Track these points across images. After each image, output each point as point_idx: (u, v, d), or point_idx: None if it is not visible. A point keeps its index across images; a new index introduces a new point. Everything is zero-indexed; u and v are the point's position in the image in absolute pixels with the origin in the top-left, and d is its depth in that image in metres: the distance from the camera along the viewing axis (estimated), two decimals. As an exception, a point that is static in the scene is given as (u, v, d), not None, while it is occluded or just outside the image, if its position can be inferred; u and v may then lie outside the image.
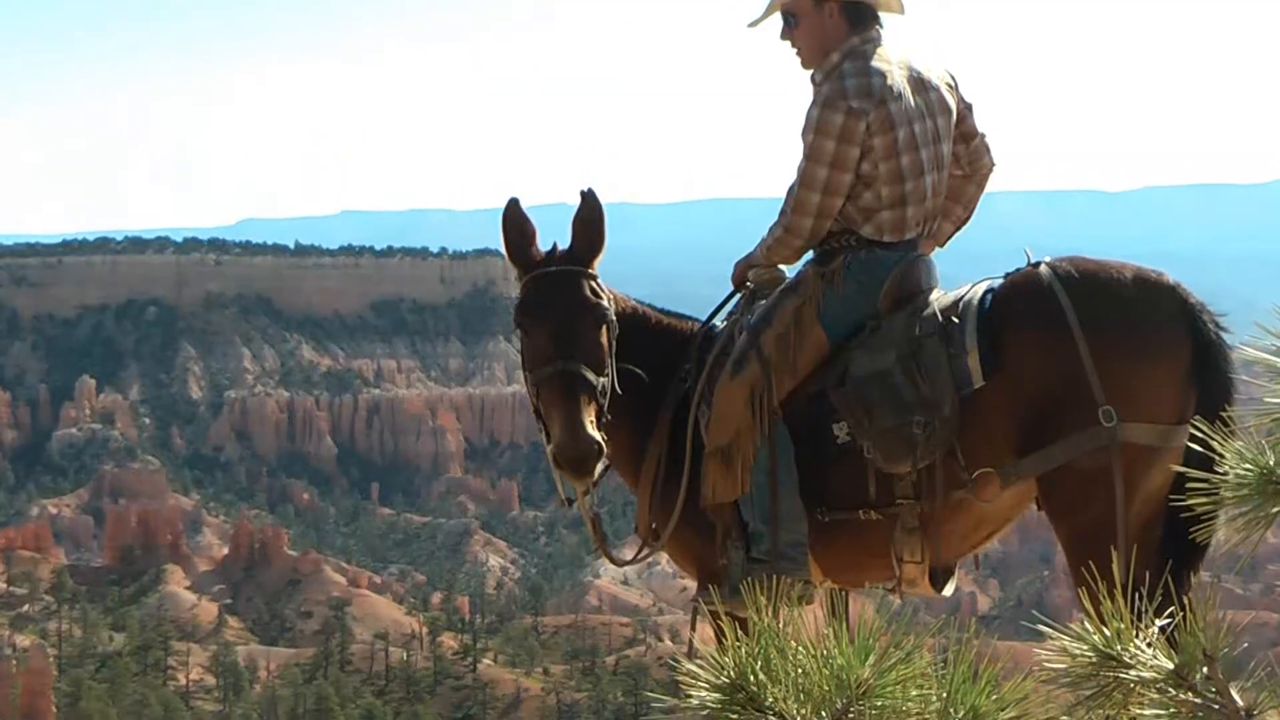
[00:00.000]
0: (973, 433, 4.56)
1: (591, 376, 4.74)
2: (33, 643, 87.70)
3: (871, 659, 2.35)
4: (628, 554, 5.58)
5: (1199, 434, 2.48)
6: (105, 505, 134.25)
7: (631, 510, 5.33)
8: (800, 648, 2.39)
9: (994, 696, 2.35)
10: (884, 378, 4.64)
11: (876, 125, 4.76)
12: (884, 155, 4.79)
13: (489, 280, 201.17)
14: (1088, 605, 2.28)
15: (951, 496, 4.61)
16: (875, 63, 4.82)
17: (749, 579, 4.52)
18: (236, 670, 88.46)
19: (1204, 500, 2.38)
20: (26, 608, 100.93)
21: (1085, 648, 2.25)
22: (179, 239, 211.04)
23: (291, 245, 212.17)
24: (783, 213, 4.89)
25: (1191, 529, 3.79)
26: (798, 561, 4.74)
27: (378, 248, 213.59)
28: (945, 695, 2.35)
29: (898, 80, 4.83)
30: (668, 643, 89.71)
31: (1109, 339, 4.43)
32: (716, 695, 2.37)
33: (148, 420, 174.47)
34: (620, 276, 4.97)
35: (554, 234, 5.08)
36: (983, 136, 5.12)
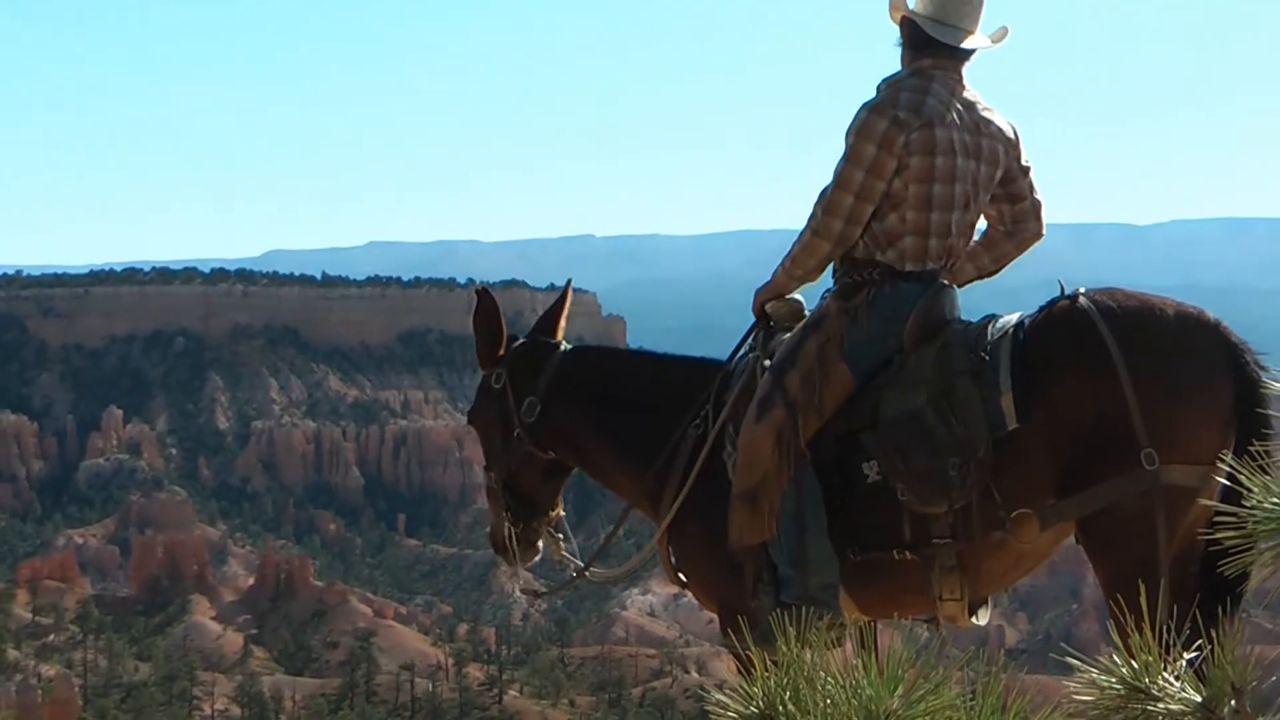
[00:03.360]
0: (1010, 473, 4.49)
1: (492, 479, 5.55)
2: (58, 673, 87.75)
3: (900, 690, 2.33)
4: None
5: (1229, 468, 2.48)
6: (132, 535, 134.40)
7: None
8: (829, 678, 2.38)
9: (1023, 729, 2.30)
10: (917, 419, 4.57)
11: (918, 144, 4.71)
12: (917, 178, 4.73)
13: (517, 311, 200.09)
14: (1116, 638, 2.28)
15: (990, 537, 4.54)
16: (936, 86, 4.79)
17: (775, 619, 4.44)
18: (262, 701, 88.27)
19: (1232, 534, 2.35)
20: (52, 638, 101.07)
21: (1114, 680, 2.24)
22: (206, 270, 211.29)
23: (319, 276, 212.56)
24: (812, 216, 4.82)
25: (1219, 563, 3.82)
26: (829, 605, 4.68)
27: (405, 279, 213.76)
28: (974, 727, 2.31)
29: (954, 112, 4.79)
30: (694, 674, 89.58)
31: (1153, 379, 4.35)
32: (746, 725, 2.31)
33: (174, 451, 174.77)
34: (648, 306, 4.96)
35: (573, 267, 5.14)
36: (1035, 203, 5.03)
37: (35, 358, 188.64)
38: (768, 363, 4.93)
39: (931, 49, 4.84)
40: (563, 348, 5.51)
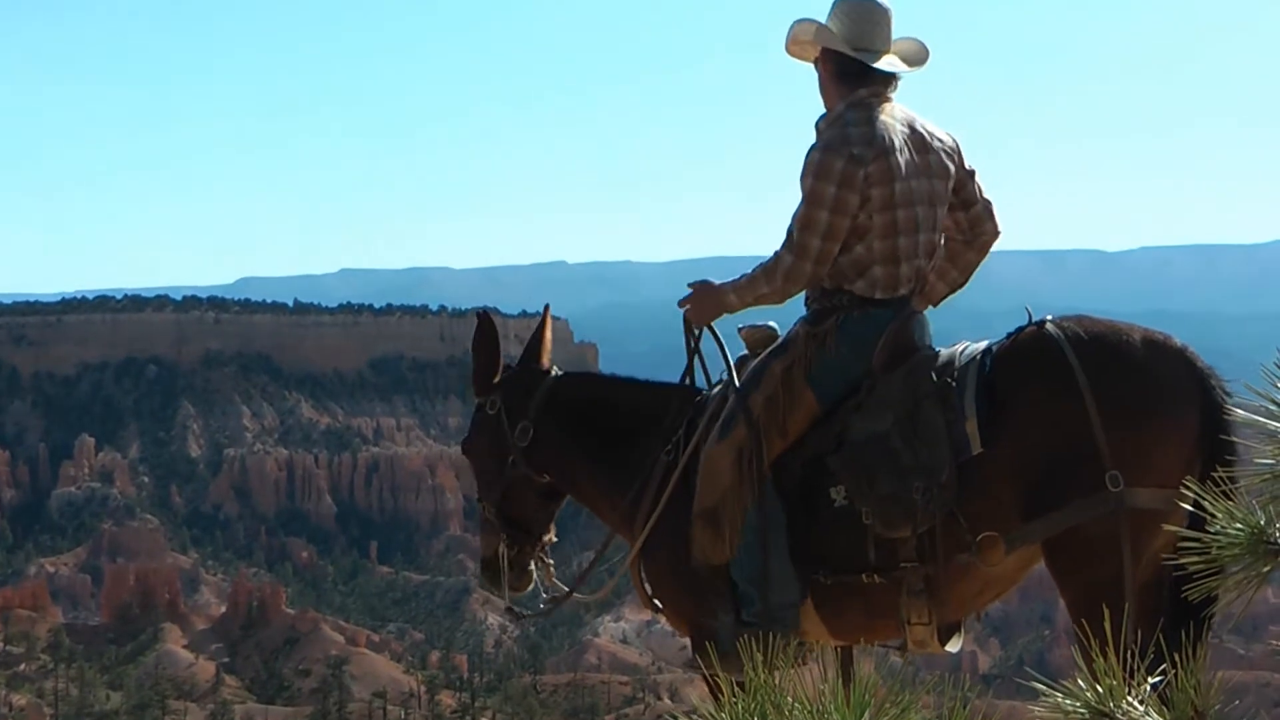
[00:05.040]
0: (975, 497, 4.50)
1: (486, 510, 5.58)
2: (29, 702, 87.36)
3: (867, 715, 2.33)
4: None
5: (1193, 493, 2.51)
6: (104, 564, 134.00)
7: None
8: (796, 704, 2.37)
9: (989, 752, 2.26)
10: (882, 442, 4.59)
11: (876, 175, 4.72)
12: (880, 207, 4.75)
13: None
14: (1081, 663, 2.30)
15: (955, 560, 4.55)
16: (879, 114, 4.80)
17: (740, 641, 4.42)
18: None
19: (1197, 560, 2.36)
20: (23, 666, 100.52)
21: (1078, 704, 2.24)
22: (178, 297, 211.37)
23: (291, 303, 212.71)
24: (779, 258, 4.80)
25: (1184, 588, 3.85)
26: (787, 623, 4.71)
27: (377, 306, 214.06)
28: (940, 751, 2.32)
29: (899, 135, 4.80)
30: (667, 701, 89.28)
31: (1118, 403, 4.38)
32: (714, 751, 2.31)
33: (147, 479, 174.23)
34: (621, 332, 4.99)
35: (546, 292, 5.18)
36: (986, 204, 5.05)
37: (7, 385, 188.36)
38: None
39: (866, 78, 4.86)
40: (553, 373, 5.57)
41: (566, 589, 5.62)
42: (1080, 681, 2.26)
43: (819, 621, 4.81)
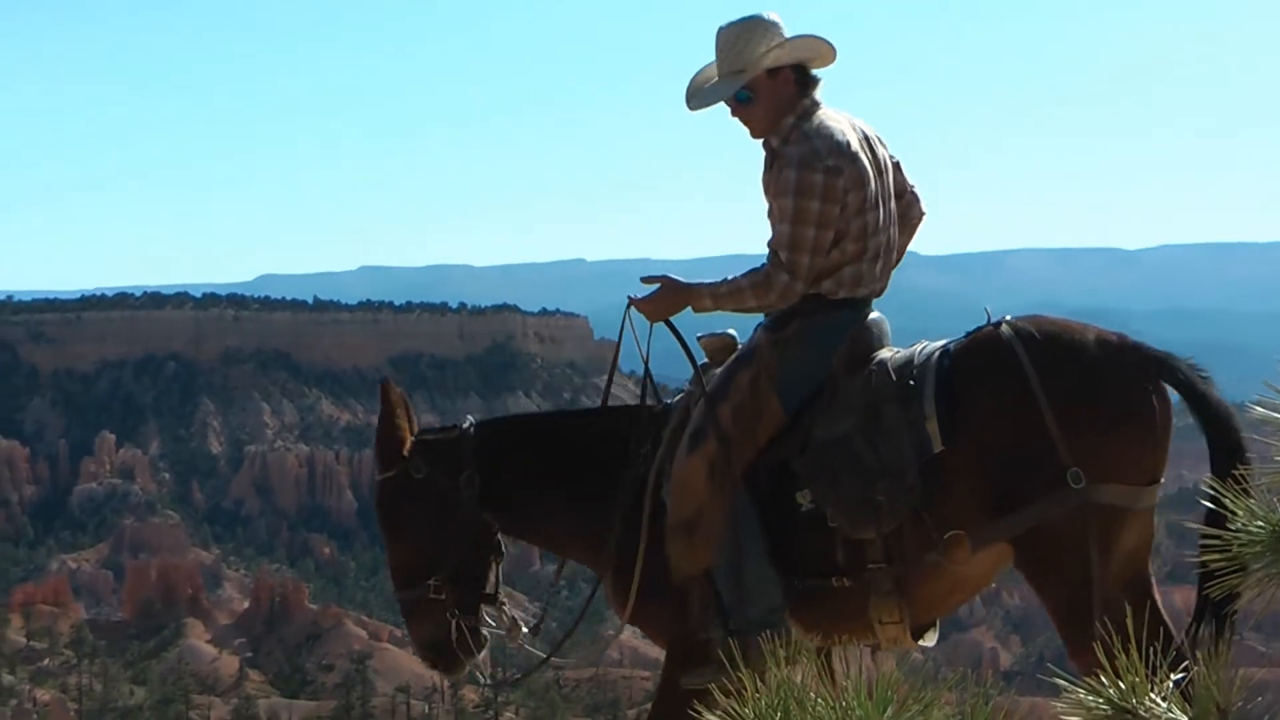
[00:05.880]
0: (939, 496, 4.51)
1: (430, 589, 5.14)
2: (53, 698, 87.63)
3: (890, 711, 2.33)
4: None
5: (1212, 491, 2.55)
6: (125, 559, 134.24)
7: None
8: (819, 699, 2.37)
9: (1014, 751, 2.33)
10: (845, 444, 4.61)
11: (851, 181, 4.72)
12: (855, 212, 4.76)
13: (508, 335, 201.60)
14: (1103, 659, 2.28)
15: (923, 560, 4.56)
16: (830, 122, 4.81)
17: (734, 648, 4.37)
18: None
19: (1219, 557, 2.36)
20: (47, 662, 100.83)
21: (1101, 701, 2.24)
22: (198, 294, 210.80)
23: (310, 301, 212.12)
24: (770, 277, 4.74)
25: (1206, 586, 4.12)
26: (776, 628, 4.63)
27: (397, 303, 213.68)
28: (963, 748, 2.33)
29: (855, 138, 4.81)
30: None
31: (1073, 400, 4.41)
32: (736, 746, 2.33)
33: (167, 475, 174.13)
34: (641, 330, 5.05)
35: (565, 290, 5.11)
36: (912, 188, 5.12)
37: (27, 383, 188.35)
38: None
39: (811, 87, 4.91)
40: (468, 423, 5.33)
41: (538, 654, 5.48)
42: (1103, 678, 2.25)
43: (794, 625, 4.76)
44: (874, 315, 4.91)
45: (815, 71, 4.93)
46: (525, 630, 5.37)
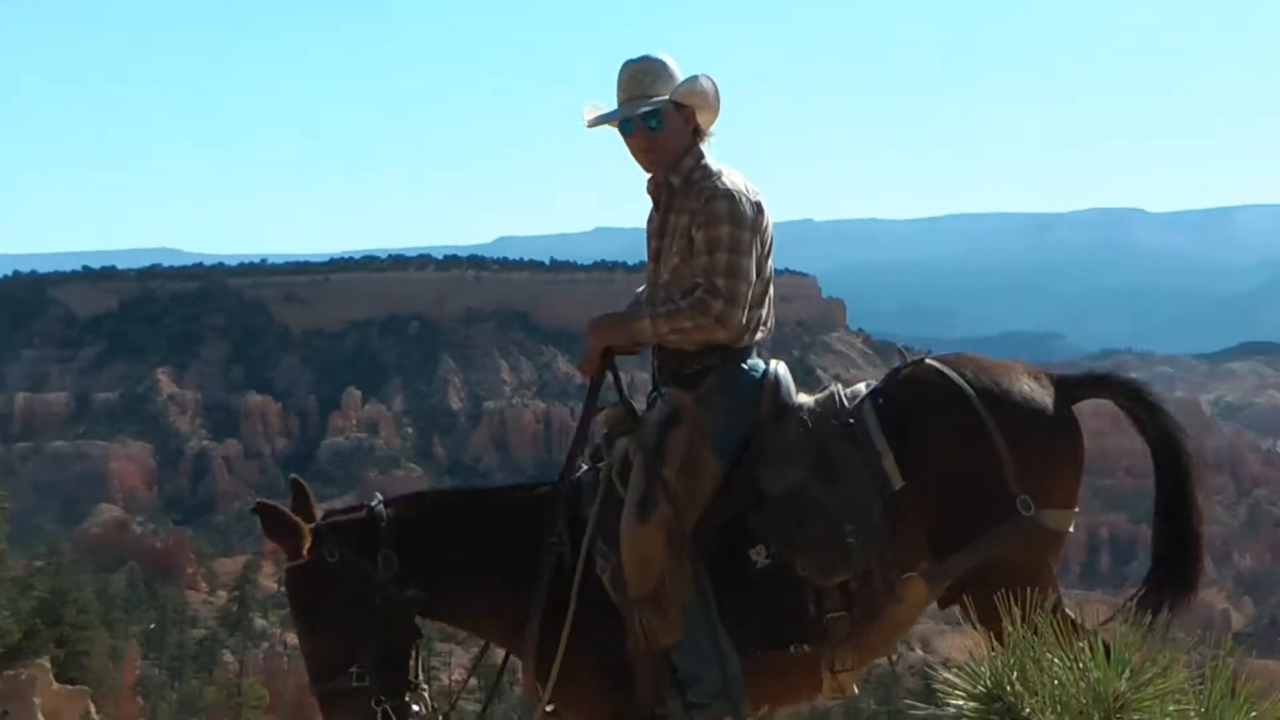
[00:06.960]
0: (898, 537, 4.46)
1: (351, 678, 4.73)
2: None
3: (1127, 673, 2.32)
4: None
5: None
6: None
7: None
8: (1056, 660, 2.36)
9: (1253, 714, 2.34)
10: (803, 492, 4.51)
11: (763, 222, 4.78)
12: (765, 253, 4.81)
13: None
14: None
15: (880, 604, 4.51)
16: (724, 166, 4.83)
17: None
18: (500, 670, 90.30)
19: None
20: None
21: None
22: (440, 257, 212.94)
23: (547, 261, 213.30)
24: (706, 303, 4.64)
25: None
26: (735, 700, 4.54)
27: (630, 263, 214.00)
28: (1203, 711, 2.33)
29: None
30: (919, 652, 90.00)
31: (1018, 429, 4.45)
32: (974, 704, 2.37)
33: (410, 430, 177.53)
34: (866, 288, 4.86)
35: (794, 249, 6.02)
36: None
37: (279, 341, 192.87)
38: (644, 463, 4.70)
39: (701, 134, 4.93)
40: (375, 501, 5.05)
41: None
42: None
43: (748, 694, 4.63)
44: (780, 364, 4.87)
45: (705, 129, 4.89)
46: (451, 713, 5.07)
